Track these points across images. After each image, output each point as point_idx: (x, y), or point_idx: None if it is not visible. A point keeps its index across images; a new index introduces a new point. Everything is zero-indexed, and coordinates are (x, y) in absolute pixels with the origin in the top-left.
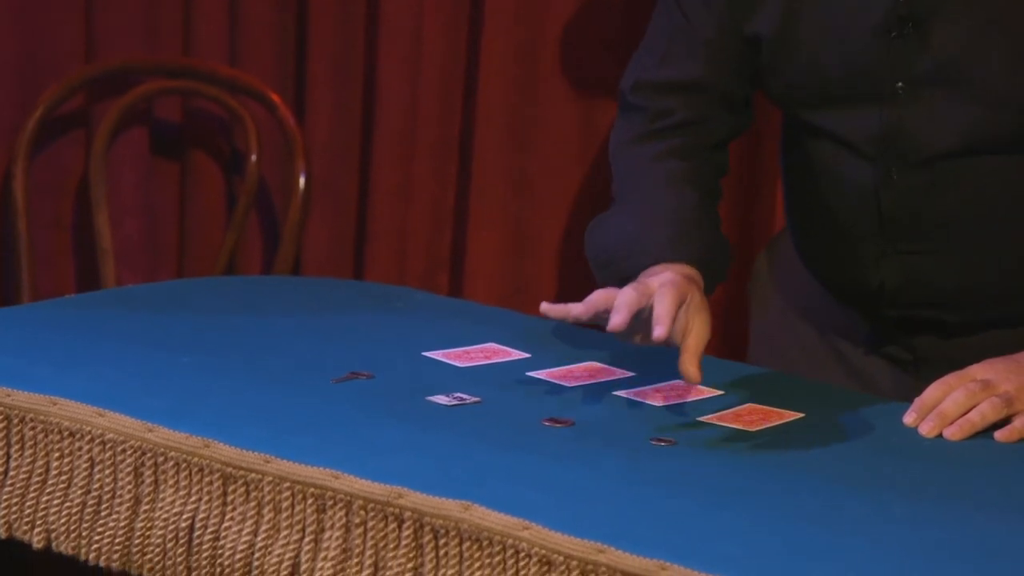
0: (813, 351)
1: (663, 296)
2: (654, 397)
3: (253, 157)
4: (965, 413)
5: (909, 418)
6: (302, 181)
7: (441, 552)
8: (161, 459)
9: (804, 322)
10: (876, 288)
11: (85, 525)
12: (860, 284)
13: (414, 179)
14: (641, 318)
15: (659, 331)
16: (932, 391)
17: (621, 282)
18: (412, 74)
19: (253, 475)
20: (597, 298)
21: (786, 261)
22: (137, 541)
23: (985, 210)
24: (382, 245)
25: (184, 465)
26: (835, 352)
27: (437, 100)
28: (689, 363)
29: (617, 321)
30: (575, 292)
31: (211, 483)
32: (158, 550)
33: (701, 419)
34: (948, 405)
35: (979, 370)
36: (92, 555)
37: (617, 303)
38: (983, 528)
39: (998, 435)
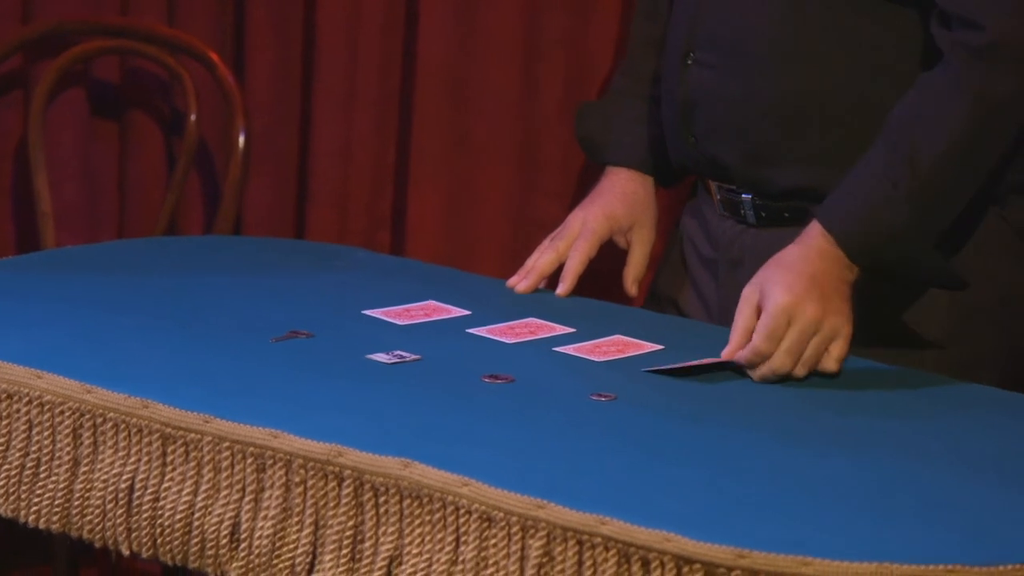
0: (674, 272)
1: (572, 255)
2: (594, 353)
3: (192, 117)
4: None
5: (756, 377)
6: (242, 140)
7: (381, 510)
8: (100, 420)
9: (676, 252)
10: (680, 104)
11: (24, 487)
12: (672, 104)
13: (354, 138)
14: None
15: (559, 288)
16: (750, 354)
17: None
18: (352, 33)
19: (192, 435)
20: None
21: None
22: (76, 503)
23: (780, 35)
24: (323, 204)
25: (123, 426)
26: (686, 269)
27: (377, 58)
28: (629, 286)
29: (523, 287)
30: (516, 249)
31: (150, 444)
32: (98, 512)
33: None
34: (779, 362)
35: (773, 290)
36: (31, 517)
37: (536, 266)
38: (924, 479)
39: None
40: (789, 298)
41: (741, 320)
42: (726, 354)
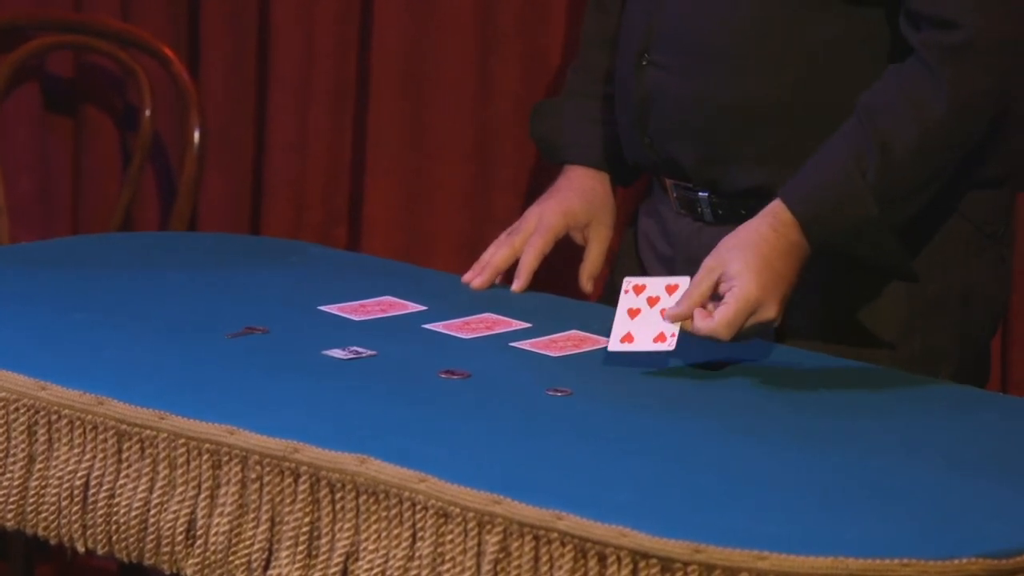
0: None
1: (527, 251)
2: (550, 348)
3: (147, 112)
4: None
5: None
6: (197, 135)
7: (338, 506)
8: (55, 417)
9: (632, 250)
10: (635, 105)
11: None
12: (628, 104)
13: (310, 133)
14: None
15: (514, 285)
16: (705, 334)
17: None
18: (306, 26)
19: (148, 432)
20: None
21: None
22: (31, 500)
23: (743, 36)
24: (279, 199)
25: (78, 423)
26: (642, 267)
27: (332, 52)
28: (584, 283)
29: (478, 283)
30: (473, 244)
31: (105, 440)
32: (53, 509)
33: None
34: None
35: (742, 277)
36: None
37: (491, 261)
38: (881, 473)
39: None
40: (758, 292)
41: (697, 291)
42: (672, 316)
